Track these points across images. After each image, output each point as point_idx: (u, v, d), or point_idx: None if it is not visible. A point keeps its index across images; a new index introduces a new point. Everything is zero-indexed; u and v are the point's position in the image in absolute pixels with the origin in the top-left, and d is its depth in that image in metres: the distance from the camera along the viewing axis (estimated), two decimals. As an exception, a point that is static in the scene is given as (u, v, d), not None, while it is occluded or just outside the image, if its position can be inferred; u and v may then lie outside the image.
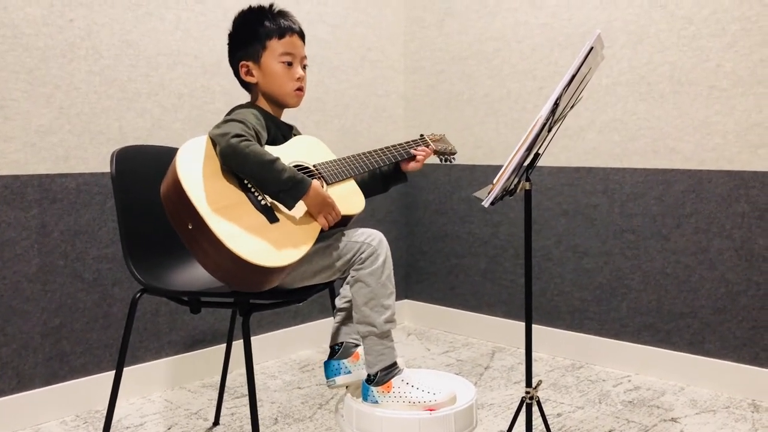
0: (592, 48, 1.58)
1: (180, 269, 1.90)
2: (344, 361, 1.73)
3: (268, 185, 1.58)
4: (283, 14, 1.80)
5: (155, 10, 2.51)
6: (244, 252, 1.49)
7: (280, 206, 1.62)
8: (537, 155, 1.75)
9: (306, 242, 1.60)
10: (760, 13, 2.40)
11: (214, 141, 1.58)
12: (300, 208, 1.63)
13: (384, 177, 1.95)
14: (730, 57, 2.47)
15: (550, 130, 1.71)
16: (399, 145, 1.92)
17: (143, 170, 1.89)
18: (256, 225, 1.56)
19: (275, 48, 1.76)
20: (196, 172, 1.57)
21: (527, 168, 1.73)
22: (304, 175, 1.60)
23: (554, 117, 1.65)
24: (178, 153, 1.59)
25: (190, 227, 1.54)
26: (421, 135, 1.99)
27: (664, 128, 2.64)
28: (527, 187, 1.73)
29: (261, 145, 1.66)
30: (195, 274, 1.90)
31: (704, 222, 2.56)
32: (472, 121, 3.21)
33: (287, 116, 1.86)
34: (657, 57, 2.63)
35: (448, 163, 2.06)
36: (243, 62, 1.77)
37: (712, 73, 2.51)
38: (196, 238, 1.54)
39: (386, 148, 1.89)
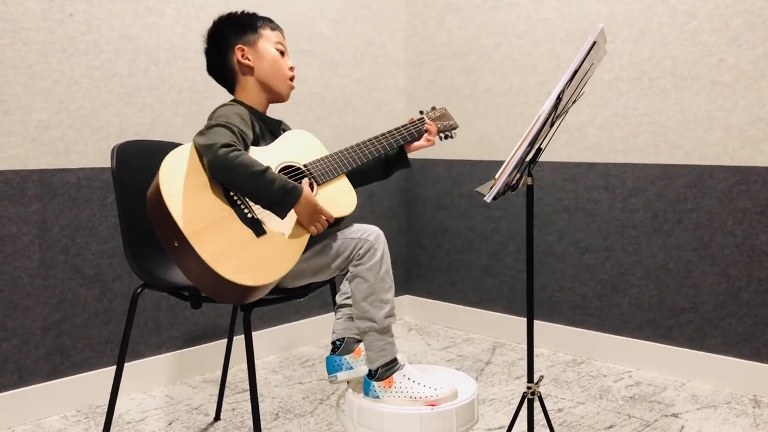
0: (594, 42, 1.57)
1: (181, 264, 1.90)
2: (346, 357, 1.72)
3: (258, 197, 1.56)
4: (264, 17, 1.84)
5: (155, 4, 2.50)
6: (229, 273, 1.48)
7: (270, 216, 1.60)
8: (539, 150, 1.74)
9: (293, 256, 1.59)
10: (763, 8, 2.39)
11: (200, 152, 1.56)
12: (290, 216, 1.61)
13: (386, 162, 1.92)
14: (732, 51, 2.46)
15: (552, 126, 1.70)
16: (395, 130, 1.87)
17: (144, 165, 1.88)
18: (242, 241, 1.54)
19: (269, 36, 1.78)
20: (179, 188, 1.53)
21: (529, 163, 1.72)
22: (295, 183, 1.58)
23: (556, 112, 1.64)
24: (161, 168, 1.54)
25: (176, 245, 1.52)
26: (421, 112, 1.94)
27: (666, 123, 2.63)
28: (529, 182, 1.72)
29: (247, 145, 1.64)
30: (196, 270, 1.90)
31: (706, 217, 2.55)
32: (474, 116, 3.20)
33: (279, 112, 1.85)
34: (659, 52, 2.62)
35: (449, 139, 1.99)
36: (240, 45, 1.76)
37: (714, 67, 2.51)
38: (182, 256, 1.52)
39: (381, 135, 1.84)
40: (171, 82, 2.56)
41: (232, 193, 1.59)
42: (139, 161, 1.87)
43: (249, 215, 1.58)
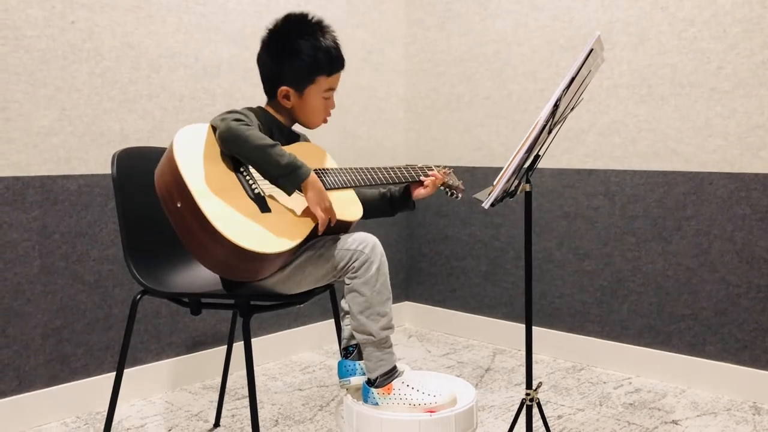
0: (591, 50, 1.58)
1: (180, 271, 1.90)
2: (360, 363, 1.70)
3: (267, 169, 1.56)
4: (335, 45, 1.77)
5: (157, 12, 2.51)
6: (231, 234, 1.46)
7: (276, 197, 1.60)
8: (537, 157, 1.75)
9: (297, 236, 1.58)
10: (761, 15, 2.40)
11: (214, 127, 1.59)
12: (295, 201, 1.62)
13: (392, 200, 1.94)
14: (731, 59, 2.47)
15: (550, 132, 1.71)
16: (403, 166, 1.89)
17: (144, 172, 1.89)
18: (248, 212, 1.54)
19: (322, 84, 1.75)
20: (192, 152, 1.56)
21: (527, 170, 1.73)
22: (304, 163, 1.59)
23: (554, 119, 1.65)
24: (177, 133, 1.59)
25: (179, 205, 1.51)
26: (429, 167, 1.97)
27: (665, 130, 2.64)
28: (527, 189, 1.73)
29: None
30: (195, 276, 1.90)
31: (705, 224, 2.56)
32: (473, 123, 3.21)
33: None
34: (658, 59, 2.63)
35: (454, 198, 2.02)
36: (284, 88, 1.74)
37: (713, 75, 2.51)
38: (185, 218, 1.51)
39: (391, 167, 1.87)
40: (172, 90, 2.57)
41: (242, 169, 1.61)
42: (139, 168, 1.88)
43: (256, 191, 1.59)
